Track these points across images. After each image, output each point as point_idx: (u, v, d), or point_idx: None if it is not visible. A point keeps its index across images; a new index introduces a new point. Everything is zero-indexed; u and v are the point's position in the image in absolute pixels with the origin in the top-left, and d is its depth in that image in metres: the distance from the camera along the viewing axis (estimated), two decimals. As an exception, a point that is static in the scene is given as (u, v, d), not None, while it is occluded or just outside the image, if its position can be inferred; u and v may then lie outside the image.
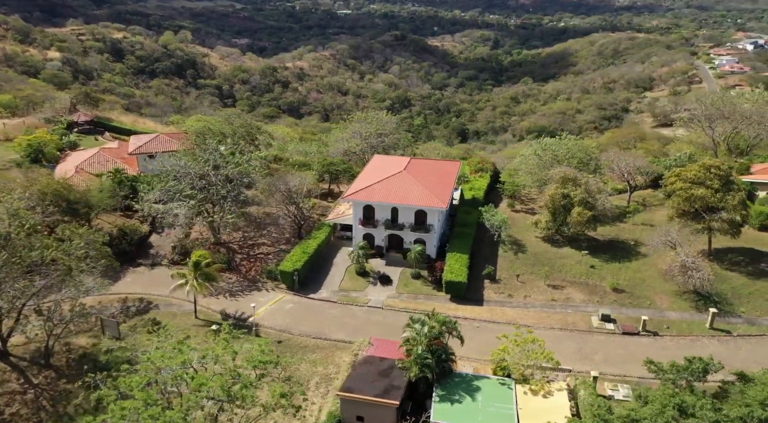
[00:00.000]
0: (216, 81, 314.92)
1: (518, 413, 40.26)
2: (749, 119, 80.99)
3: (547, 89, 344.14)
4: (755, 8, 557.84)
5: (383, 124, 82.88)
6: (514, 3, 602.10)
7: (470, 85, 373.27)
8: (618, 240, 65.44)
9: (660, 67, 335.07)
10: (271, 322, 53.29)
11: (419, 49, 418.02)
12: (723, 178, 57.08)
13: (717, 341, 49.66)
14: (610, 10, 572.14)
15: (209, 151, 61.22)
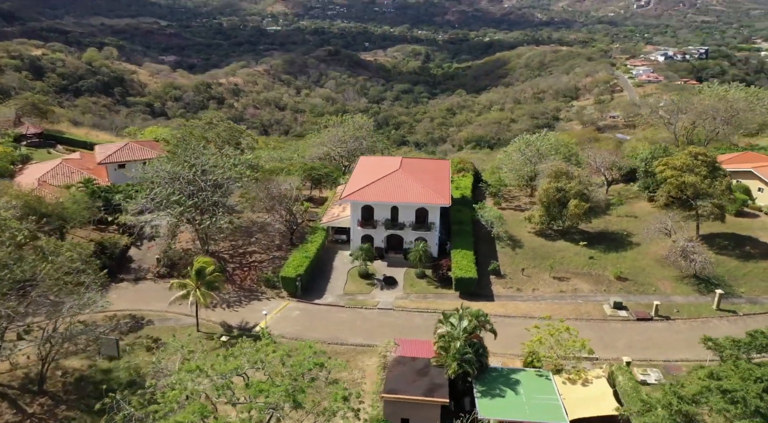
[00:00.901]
0: (146, 98, 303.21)
1: (563, 403, 39.53)
2: (706, 114, 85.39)
3: (481, 100, 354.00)
4: (659, 23, 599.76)
5: (359, 127, 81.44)
6: (440, 19, 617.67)
7: (406, 97, 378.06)
8: (608, 231, 66.68)
9: (584, 77, 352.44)
10: (280, 330, 50.17)
11: (353, 63, 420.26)
12: (710, 164, 59.45)
13: (726, 322, 51.11)
14: (530, 26, 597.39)
15: (195, 155, 57.56)
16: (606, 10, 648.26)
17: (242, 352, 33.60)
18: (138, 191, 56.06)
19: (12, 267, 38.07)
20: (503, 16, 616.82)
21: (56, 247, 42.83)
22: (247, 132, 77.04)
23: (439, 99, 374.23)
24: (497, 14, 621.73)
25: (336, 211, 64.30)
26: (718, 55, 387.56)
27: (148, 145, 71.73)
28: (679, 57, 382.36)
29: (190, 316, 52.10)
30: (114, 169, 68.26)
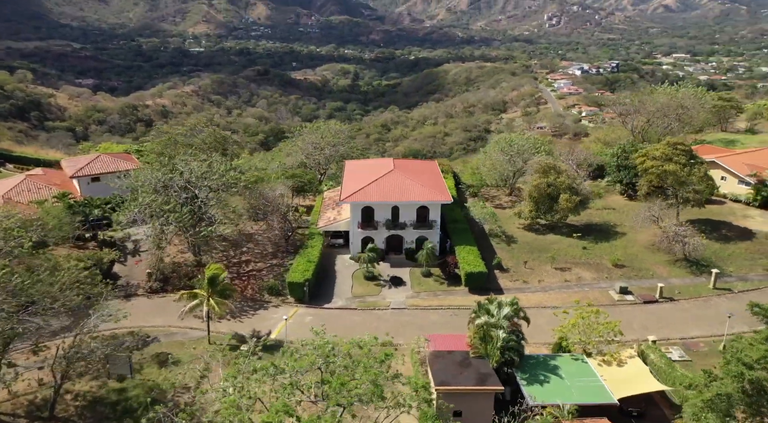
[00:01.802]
0: (67, 122, 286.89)
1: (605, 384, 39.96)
2: (659, 112, 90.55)
3: (414, 115, 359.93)
4: (570, 41, 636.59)
5: (335, 133, 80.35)
6: (365, 39, 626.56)
7: (340, 115, 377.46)
8: (593, 223, 68.84)
9: (510, 91, 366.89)
10: (297, 336, 47.88)
11: (284, 82, 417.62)
12: (687, 153, 62.86)
13: (725, 299, 53.72)
14: (452, 44, 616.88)
15: (184, 162, 54.63)
16: (521, 29, 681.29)
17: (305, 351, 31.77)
18: (128, 201, 52.22)
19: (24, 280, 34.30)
20: (426, 35, 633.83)
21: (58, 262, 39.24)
22: (233, 138, 74.17)
23: (372, 115, 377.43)
24: (420, 33, 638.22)
25: (331, 215, 62.83)
26: (628, 68, 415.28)
27: (121, 157, 67.38)
28: (594, 71, 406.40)
29: (196, 329, 49.18)
30: (87, 182, 63.58)
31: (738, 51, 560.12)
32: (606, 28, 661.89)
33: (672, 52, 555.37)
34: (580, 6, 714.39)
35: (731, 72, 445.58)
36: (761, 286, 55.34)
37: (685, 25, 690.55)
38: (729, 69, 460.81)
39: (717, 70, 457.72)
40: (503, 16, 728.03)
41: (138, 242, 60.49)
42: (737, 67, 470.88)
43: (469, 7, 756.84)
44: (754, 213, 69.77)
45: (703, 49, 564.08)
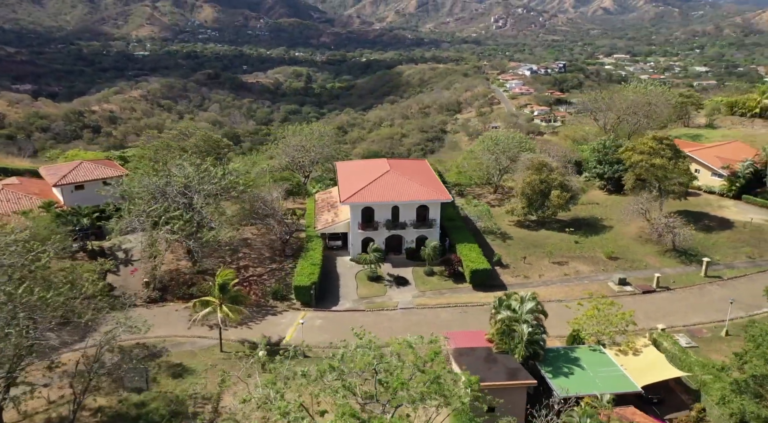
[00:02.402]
0: (7, 130, 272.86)
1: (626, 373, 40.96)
2: (628, 109, 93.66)
3: (370, 117, 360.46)
4: (517, 42, 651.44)
5: (320, 135, 79.43)
6: (316, 41, 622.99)
7: (295, 118, 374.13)
8: (580, 218, 70.54)
9: (464, 92, 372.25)
10: (311, 340, 47.28)
11: (236, 86, 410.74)
12: (672, 147, 65.31)
13: (718, 286, 56.05)
14: (402, 46, 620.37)
15: (180, 167, 52.87)
16: (469, 31, 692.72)
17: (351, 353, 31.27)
18: (125, 209, 50.01)
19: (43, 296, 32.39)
20: (376, 38, 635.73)
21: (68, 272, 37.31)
22: (225, 141, 72.03)
23: (328, 118, 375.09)
24: (370, 36, 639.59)
25: (329, 218, 62.06)
26: (574, 68, 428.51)
27: (104, 164, 64.45)
28: (543, 71, 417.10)
29: (204, 338, 47.82)
30: (71, 191, 60.55)
31: (673, 51, 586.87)
32: (550, 29, 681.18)
33: (613, 52, 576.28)
34: (524, 8, 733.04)
35: (668, 71, 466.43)
36: (748, 272, 58.01)
37: (624, 27, 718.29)
38: (666, 68, 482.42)
39: (655, 69, 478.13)
40: (451, 18, 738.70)
41: (130, 251, 58.19)
42: (673, 67, 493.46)
43: (417, 10, 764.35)
44: (729, 203, 73.12)
45: (641, 50, 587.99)
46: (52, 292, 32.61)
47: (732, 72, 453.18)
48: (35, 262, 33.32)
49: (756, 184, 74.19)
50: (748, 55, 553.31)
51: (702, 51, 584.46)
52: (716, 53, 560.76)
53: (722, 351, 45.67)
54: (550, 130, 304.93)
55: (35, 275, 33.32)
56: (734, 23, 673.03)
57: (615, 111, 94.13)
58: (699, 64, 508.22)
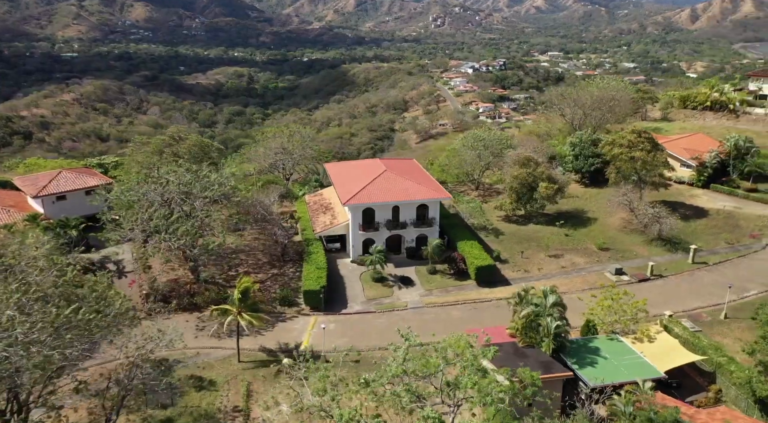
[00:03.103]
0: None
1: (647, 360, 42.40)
2: (593, 104, 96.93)
3: (317, 117, 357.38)
4: (455, 41, 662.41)
5: (302, 137, 78.11)
6: (255, 41, 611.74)
7: (239, 119, 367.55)
8: (564, 211, 72.37)
9: (410, 90, 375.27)
10: (330, 344, 46.48)
11: (176, 87, 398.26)
12: (651, 140, 68.08)
13: (705, 271, 58.86)
14: (343, 45, 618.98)
15: (177, 173, 50.75)
16: (408, 30, 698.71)
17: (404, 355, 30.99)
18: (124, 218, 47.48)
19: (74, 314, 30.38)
20: (317, 37, 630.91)
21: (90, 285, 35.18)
22: (216, 145, 69.33)
23: (274, 119, 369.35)
24: (311, 35, 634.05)
25: (326, 220, 61.11)
26: (514, 66, 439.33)
27: (85, 173, 60.83)
28: (484, 69, 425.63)
29: (218, 348, 46.20)
30: (52, 201, 56.85)
31: (602, 48, 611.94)
32: (486, 28, 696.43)
33: (547, 50, 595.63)
34: (461, 8, 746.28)
35: (599, 67, 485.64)
36: (730, 257, 61.24)
37: (555, 25, 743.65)
38: (597, 65, 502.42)
39: (587, 65, 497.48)
40: (390, 17, 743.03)
41: (120, 263, 55.45)
42: (604, 63, 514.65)
43: (356, 9, 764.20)
44: (699, 192, 76.90)
45: (574, 47, 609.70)
46: (84, 308, 30.62)
47: (657, 67, 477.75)
48: (62, 277, 31.17)
49: (721, 173, 78.37)
50: (670, 51, 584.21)
51: (629, 48, 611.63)
52: (642, 50, 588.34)
53: (724, 334, 48.07)
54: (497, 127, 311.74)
55: (64, 291, 31.12)
56: (656, 21, 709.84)
57: (581, 106, 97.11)
58: (627, 60, 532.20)
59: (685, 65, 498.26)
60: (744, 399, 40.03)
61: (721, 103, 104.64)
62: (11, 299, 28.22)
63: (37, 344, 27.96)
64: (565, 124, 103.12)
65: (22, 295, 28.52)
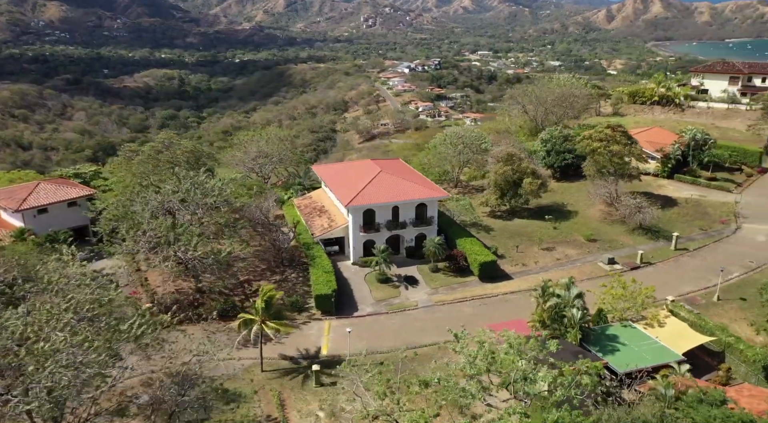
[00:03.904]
0: None
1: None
2: (555, 101, 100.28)
3: (255, 120, 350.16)
4: (388, 41, 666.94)
5: (282, 139, 76.30)
6: (182, 42, 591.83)
7: (173, 123, 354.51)
8: (545, 206, 74.28)
9: (348, 90, 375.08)
10: (352, 348, 45.77)
11: (102, 91, 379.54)
12: (626, 134, 71.10)
13: (689, 257, 62.07)
14: (275, 46, 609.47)
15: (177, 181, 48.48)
16: (340, 30, 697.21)
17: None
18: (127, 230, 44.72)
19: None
20: (247, 38, 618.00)
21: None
22: (207, 151, 65.88)
23: (210, 122, 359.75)
24: (240, 36, 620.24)
25: (324, 223, 60.00)
26: (448, 65, 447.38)
27: (64, 184, 56.60)
28: (420, 68, 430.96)
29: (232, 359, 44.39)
30: (33, 215, 52.61)
31: (529, 47, 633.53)
32: (417, 28, 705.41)
33: (477, 49, 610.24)
34: (391, 8, 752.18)
35: (528, 66, 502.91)
36: (707, 243, 64.89)
37: (483, 25, 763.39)
38: (525, 63, 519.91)
39: (516, 64, 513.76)
40: (321, 17, 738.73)
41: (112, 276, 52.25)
42: (531, 62, 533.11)
43: (286, 9, 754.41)
44: (665, 183, 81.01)
45: (502, 47, 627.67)
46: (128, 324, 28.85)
47: (580, 65, 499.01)
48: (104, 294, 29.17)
49: (682, 164, 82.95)
50: (591, 50, 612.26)
51: (553, 47, 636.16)
52: (565, 49, 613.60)
53: (720, 315, 50.83)
54: (437, 125, 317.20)
55: (108, 309, 29.13)
56: (577, 21, 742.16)
57: (543, 103, 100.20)
58: (552, 58, 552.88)
59: (606, 63, 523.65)
60: (755, 375, 42.63)
61: (668, 97, 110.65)
62: (62, 320, 26.21)
63: (93, 365, 26.09)
64: (526, 121, 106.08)
65: (73, 314, 26.53)
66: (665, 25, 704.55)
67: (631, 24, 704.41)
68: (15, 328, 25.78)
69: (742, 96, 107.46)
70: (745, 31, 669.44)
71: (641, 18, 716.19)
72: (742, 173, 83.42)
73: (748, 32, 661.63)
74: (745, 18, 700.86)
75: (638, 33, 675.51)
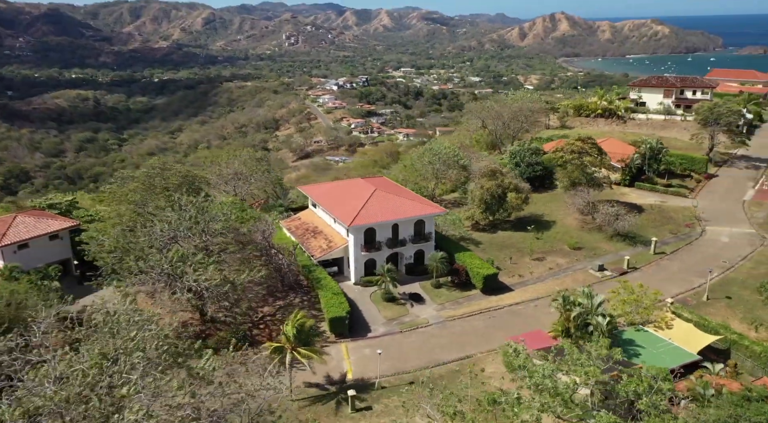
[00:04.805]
0: None
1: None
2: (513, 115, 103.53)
3: (182, 140, 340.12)
4: (312, 59, 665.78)
5: (259, 159, 73.93)
6: (94, 61, 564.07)
7: (92, 147, 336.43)
8: (523, 217, 75.78)
9: (279, 108, 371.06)
10: (374, 372, 44.77)
11: (9, 114, 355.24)
12: (596, 146, 74.42)
13: (668, 261, 65.35)
14: (195, 64, 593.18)
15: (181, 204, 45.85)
16: (262, 48, 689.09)
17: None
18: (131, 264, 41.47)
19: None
20: (165, 56, 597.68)
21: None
22: (201, 175, 61.58)
23: (132, 144, 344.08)
24: (158, 54, 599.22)
25: (322, 244, 58.47)
26: (376, 82, 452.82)
27: (43, 216, 51.51)
28: (348, 85, 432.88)
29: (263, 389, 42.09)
30: (13, 251, 47.55)
31: (449, 64, 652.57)
32: (340, 46, 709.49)
33: (400, 66, 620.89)
34: (313, 26, 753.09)
35: (450, 82, 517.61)
36: (680, 246, 68.69)
37: (404, 43, 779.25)
38: (447, 79, 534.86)
39: (439, 80, 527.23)
40: (242, 36, 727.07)
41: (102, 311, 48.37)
42: (453, 78, 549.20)
43: (204, 27, 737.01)
44: (627, 191, 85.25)
45: (423, 64, 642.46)
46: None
47: (499, 81, 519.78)
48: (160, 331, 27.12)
49: (639, 173, 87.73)
50: (507, 66, 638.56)
51: (472, 63, 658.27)
52: (483, 65, 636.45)
53: (712, 314, 53.60)
54: (370, 141, 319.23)
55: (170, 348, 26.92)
56: (492, 39, 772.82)
57: (500, 118, 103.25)
58: (472, 74, 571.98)
59: (522, 78, 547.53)
60: (761, 369, 45.32)
61: (610, 110, 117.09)
62: (131, 360, 24.06)
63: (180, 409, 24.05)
64: (482, 135, 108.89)
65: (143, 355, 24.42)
66: (572, 42, 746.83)
67: (542, 41, 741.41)
68: (88, 372, 23.37)
69: (677, 107, 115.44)
70: (642, 47, 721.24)
71: (551, 36, 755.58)
72: (692, 179, 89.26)
73: (645, 49, 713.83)
74: (641, 36, 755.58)
75: (549, 50, 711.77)
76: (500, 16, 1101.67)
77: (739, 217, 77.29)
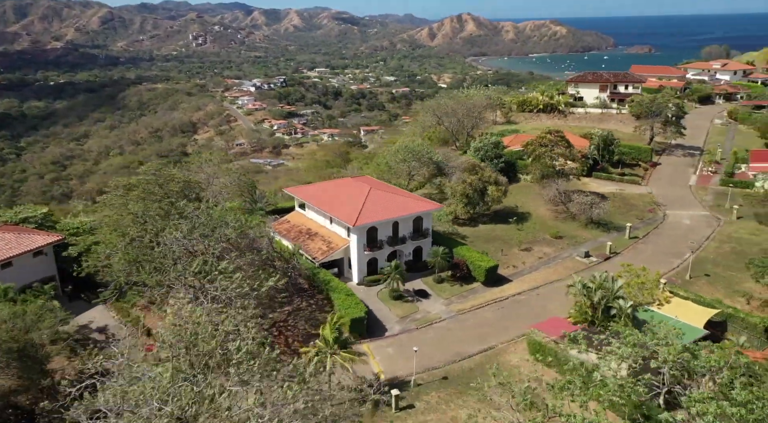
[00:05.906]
0: None
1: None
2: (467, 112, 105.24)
3: (91, 147, 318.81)
4: (222, 60, 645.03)
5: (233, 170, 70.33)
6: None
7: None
8: (500, 209, 76.97)
9: (195, 111, 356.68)
10: (403, 371, 43.96)
11: None
12: (565, 139, 77.12)
13: (642, 244, 68.81)
14: (95, 66, 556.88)
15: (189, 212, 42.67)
16: (168, 48, 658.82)
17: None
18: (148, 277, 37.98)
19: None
20: (59, 58, 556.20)
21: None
22: (196, 181, 56.14)
23: (32, 152, 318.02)
24: (50, 55, 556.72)
25: (321, 246, 56.45)
26: (293, 82, 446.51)
27: (24, 232, 45.34)
28: (266, 86, 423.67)
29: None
30: (-4, 270, 41.87)
31: (363, 64, 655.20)
32: (250, 46, 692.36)
33: (314, 66, 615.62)
34: (221, 26, 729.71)
35: (366, 81, 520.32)
36: (649, 230, 72.61)
37: (315, 43, 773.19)
38: (363, 79, 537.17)
39: (354, 80, 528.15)
40: (144, 36, 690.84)
41: (106, 330, 44.23)
42: (369, 77, 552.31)
43: (102, 27, 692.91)
44: (587, 180, 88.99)
45: (338, 64, 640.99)
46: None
47: (414, 80, 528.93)
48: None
49: (595, 163, 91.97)
50: (420, 65, 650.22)
51: (386, 63, 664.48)
52: (397, 65, 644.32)
53: (699, 290, 57.08)
54: (295, 142, 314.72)
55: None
56: (403, 39, 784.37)
57: (455, 114, 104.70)
58: (387, 74, 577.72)
59: (436, 77, 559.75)
60: (757, 338, 48.71)
61: (551, 105, 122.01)
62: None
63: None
64: (436, 132, 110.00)
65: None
66: (479, 42, 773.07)
67: (450, 41, 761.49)
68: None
69: (612, 101, 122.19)
70: (543, 47, 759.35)
71: (459, 36, 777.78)
72: (640, 168, 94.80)
73: (546, 48, 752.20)
74: (542, 36, 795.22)
75: (458, 49, 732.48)
76: (409, 17, 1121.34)
77: (690, 200, 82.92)
